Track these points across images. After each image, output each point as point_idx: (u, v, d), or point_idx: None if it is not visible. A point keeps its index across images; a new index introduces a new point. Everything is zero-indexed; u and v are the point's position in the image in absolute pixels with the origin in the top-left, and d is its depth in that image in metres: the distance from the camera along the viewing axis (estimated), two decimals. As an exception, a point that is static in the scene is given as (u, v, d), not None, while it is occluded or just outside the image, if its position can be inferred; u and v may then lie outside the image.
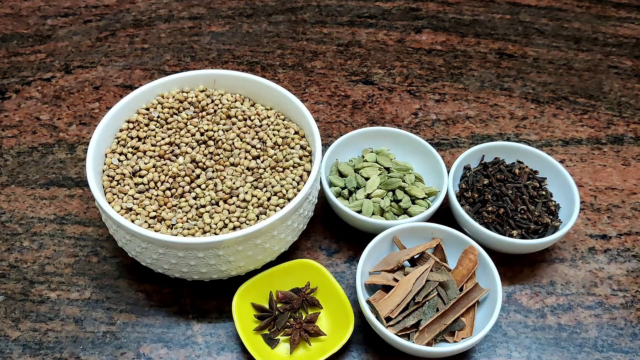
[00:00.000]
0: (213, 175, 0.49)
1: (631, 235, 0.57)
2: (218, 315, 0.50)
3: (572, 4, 0.86)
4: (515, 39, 0.79)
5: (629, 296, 0.52)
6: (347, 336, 0.46)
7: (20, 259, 0.53)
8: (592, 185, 0.61)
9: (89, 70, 0.72)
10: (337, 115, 0.68)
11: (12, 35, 0.77)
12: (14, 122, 0.66)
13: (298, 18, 0.81)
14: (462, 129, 0.66)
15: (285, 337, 0.48)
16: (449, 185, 0.54)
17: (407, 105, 0.69)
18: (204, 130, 0.52)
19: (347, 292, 0.49)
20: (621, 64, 0.76)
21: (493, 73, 0.74)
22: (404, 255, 0.49)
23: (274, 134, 0.53)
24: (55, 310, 0.50)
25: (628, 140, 0.66)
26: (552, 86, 0.72)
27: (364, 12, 0.83)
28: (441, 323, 0.46)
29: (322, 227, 0.57)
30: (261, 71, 0.73)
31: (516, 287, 0.53)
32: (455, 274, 0.49)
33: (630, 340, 0.49)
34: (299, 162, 0.51)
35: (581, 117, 0.68)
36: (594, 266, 0.54)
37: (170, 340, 0.48)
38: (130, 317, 0.50)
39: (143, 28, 0.79)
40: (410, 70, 0.74)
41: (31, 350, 0.47)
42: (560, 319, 0.51)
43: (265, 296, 0.50)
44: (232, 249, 0.44)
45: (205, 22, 0.80)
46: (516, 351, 0.48)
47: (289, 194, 0.48)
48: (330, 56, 0.75)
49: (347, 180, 0.55)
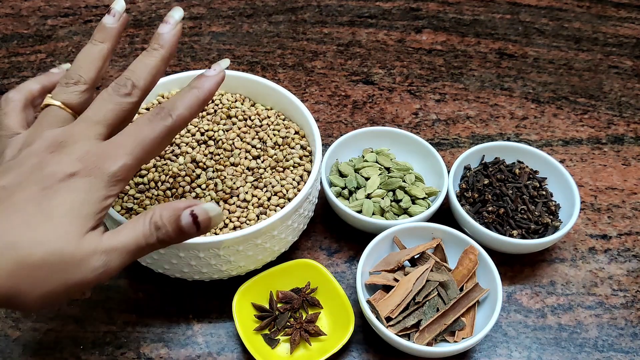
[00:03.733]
0: (213, 175, 0.49)
1: (631, 235, 0.57)
2: (218, 315, 0.50)
3: (573, 4, 0.86)
4: (515, 39, 0.79)
5: (629, 296, 0.52)
6: (348, 336, 0.46)
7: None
8: (593, 185, 0.61)
9: (89, 70, 0.72)
10: (337, 115, 0.68)
11: (13, 35, 0.77)
12: (14, 122, 0.66)
13: (298, 18, 0.81)
14: (463, 129, 0.66)
15: (285, 337, 0.48)
16: (449, 185, 0.54)
17: (407, 105, 0.69)
18: (204, 130, 0.52)
19: (348, 292, 0.49)
20: (621, 64, 0.76)
21: (493, 73, 0.74)
22: (404, 255, 0.49)
23: (274, 134, 0.53)
24: (55, 310, 0.50)
25: (628, 140, 0.66)
26: (553, 86, 0.72)
27: (364, 12, 0.83)
28: (441, 323, 0.46)
29: (322, 227, 0.57)
30: (261, 71, 0.73)
31: (516, 287, 0.53)
32: (455, 274, 0.49)
33: (630, 340, 0.49)
34: (299, 162, 0.51)
35: (581, 117, 0.68)
36: (595, 266, 0.54)
37: (170, 340, 0.48)
38: (130, 317, 0.50)
39: (143, 28, 0.79)
40: (411, 70, 0.74)
41: (31, 350, 0.47)
42: (561, 319, 0.51)
43: (265, 296, 0.50)
44: (232, 249, 0.44)
45: (206, 22, 0.80)
46: (516, 351, 0.48)
47: (289, 194, 0.48)
48: (330, 56, 0.75)
49: (348, 180, 0.55)
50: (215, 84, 0.36)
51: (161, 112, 0.34)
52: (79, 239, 0.31)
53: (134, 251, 0.33)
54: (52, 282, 0.30)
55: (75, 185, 0.32)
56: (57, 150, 0.33)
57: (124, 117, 0.35)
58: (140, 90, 0.36)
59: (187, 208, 0.33)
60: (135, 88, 0.36)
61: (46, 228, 0.30)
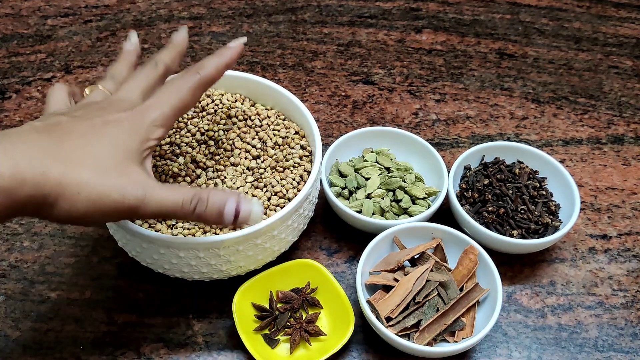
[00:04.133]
0: (213, 175, 0.49)
1: (631, 235, 0.57)
2: (218, 315, 0.50)
3: (573, 4, 0.86)
4: (515, 39, 0.79)
5: (629, 296, 0.52)
6: (348, 336, 0.46)
7: (21, 259, 0.53)
8: (593, 185, 0.61)
9: (90, 70, 0.72)
10: (337, 115, 0.68)
11: (13, 35, 0.77)
12: (14, 122, 0.66)
13: (298, 18, 0.81)
14: (463, 129, 0.66)
15: (285, 337, 0.48)
16: (449, 185, 0.54)
17: (407, 105, 0.69)
18: (204, 130, 0.52)
19: (348, 292, 0.49)
20: (621, 64, 0.76)
21: (493, 73, 0.74)
22: (404, 255, 0.49)
23: (274, 134, 0.53)
24: (55, 310, 0.50)
25: (628, 140, 0.66)
26: (553, 86, 0.72)
27: (364, 12, 0.83)
28: (441, 323, 0.46)
29: (322, 227, 0.57)
30: (261, 71, 0.73)
31: (516, 287, 0.53)
32: (455, 274, 0.49)
33: (630, 340, 0.49)
34: (299, 162, 0.51)
35: (581, 117, 0.68)
36: (594, 266, 0.54)
37: (170, 340, 0.48)
38: (130, 317, 0.50)
39: (143, 28, 0.79)
40: (411, 70, 0.74)
41: (31, 350, 0.47)
42: (561, 319, 0.51)
43: (265, 296, 0.50)
44: (232, 249, 0.44)
45: (206, 22, 0.80)
46: (516, 351, 0.48)
47: (289, 194, 0.48)
48: (330, 56, 0.75)
49: (348, 180, 0.55)
50: (237, 53, 0.43)
51: (191, 69, 0.41)
52: (124, 167, 0.36)
53: (169, 207, 0.36)
54: (92, 195, 0.34)
55: (122, 125, 0.37)
56: (107, 106, 0.38)
57: (153, 84, 0.41)
58: (163, 64, 0.42)
59: (236, 198, 0.37)
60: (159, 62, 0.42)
61: (94, 151, 0.35)
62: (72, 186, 0.33)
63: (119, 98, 0.39)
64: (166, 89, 0.40)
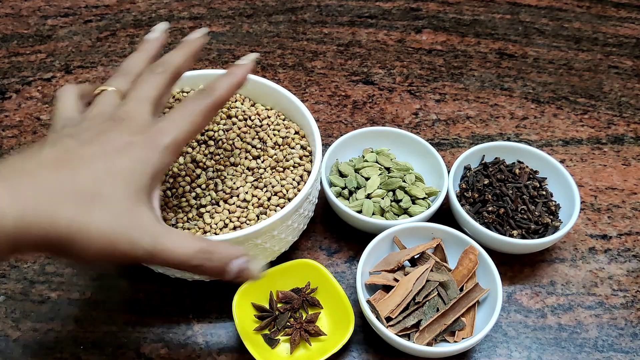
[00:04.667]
0: (213, 175, 0.49)
1: (631, 235, 0.57)
2: (218, 315, 0.50)
3: (572, 4, 0.86)
4: (515, 39, 0.79)
5: (629, 296, 0.52)
6: (348, 336, 0.46)
7: (21, 258, 0.53)
8: (593, 185, 0.61)
9: (90, 70, 0.72)
10: (337, 115, 0.68)
11: (13, 35, 0.77)
12: (14, 122, 0.66)
13: (298, 18, 0.81)
14: (463, 129, 0.66)
15: (285, 337, 0.48)
16: (449, 185, 0.54)
17: (407, 105, 0.69)
18: (204, 130, 0.52)
19: (348, 292, 0.49)
20: (621, 64, 0.76)
21: (493, 73, 0.74)
22: (404, 255, 0.49)
23: (274, 134, 0.53)
24: (55, 310, 0.50)
25: (628, 140, 0.66)
26: (553, 86, 0.72)
27: (364, 12, 0.83)
28: (441, 323, 0.46)
29: (322, 227, 0.57)
30: (261, 71, 0.73)
31: (516, 287, 0.53)
32: (455, 274, 0.49)
33: (630, 340, 0.49)
34: (299, 162, 0.51)
35: (581, 117, 0.69)
36: (594, 266, 0.54)
37: (170, 340, 0.48)
38: (130, 317, 0.50)
39: (143, 28, 0.79)
40: (411, 70, 0.74)
41: (31, 351, 0.47)
42: (561, 319, 0.51)
43: (265, 296, 0.50)
44: (232, 249, 0.44)
45: (206, 22, 0.80)
46: (516, 351, 0.48)
47: (289, 194, 0.48)
48: (330, 56, 0.75)
49: (348, 180, 0.55)
50: (247, 71, 0.42)
51: (203, 92, 0.40)
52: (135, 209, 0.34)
53: (175, 262, 0.35)
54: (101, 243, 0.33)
55: (134, 153, 0.35)
56: (116, 123, 0.37)
57: (162, 92, 0.40)
58: (171, 66, 0.41)
59: (243, 258, 0.36)
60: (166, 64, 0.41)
61: (106, 191, 0.33)
62: (83, 232, 0.32)
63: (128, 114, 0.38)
64: (179, 112, 0.38)
